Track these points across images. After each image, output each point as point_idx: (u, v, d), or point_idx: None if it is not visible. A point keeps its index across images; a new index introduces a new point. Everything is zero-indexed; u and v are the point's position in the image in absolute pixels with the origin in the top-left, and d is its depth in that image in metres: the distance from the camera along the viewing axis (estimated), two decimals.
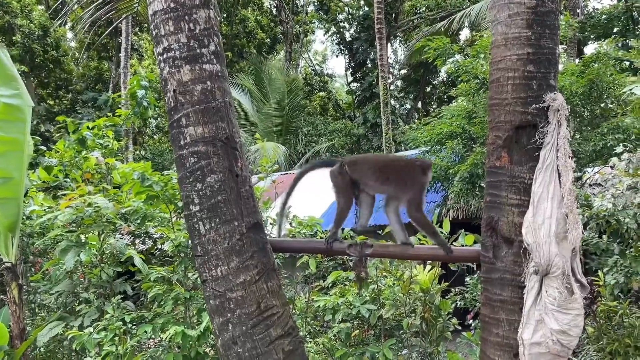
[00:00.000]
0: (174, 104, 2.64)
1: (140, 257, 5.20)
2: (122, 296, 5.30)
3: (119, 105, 6.42)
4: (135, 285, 5.80)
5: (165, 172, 5.09)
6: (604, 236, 6.86)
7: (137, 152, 26.79)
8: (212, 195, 2.55)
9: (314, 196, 14.29)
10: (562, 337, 2.30)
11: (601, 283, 6.60)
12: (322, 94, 31.28)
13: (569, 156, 2.43)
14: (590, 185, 9.24)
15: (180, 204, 5.31)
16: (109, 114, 6.17)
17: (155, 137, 29.94)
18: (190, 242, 4.93)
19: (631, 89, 8.59)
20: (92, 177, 5.58)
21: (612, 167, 6.88)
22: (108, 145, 5.67)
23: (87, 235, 4.89)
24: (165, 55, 2.65)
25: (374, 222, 11.30)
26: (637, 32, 21.26)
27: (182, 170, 2.63)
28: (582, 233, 2.47)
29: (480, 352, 2.59)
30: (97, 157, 5.48)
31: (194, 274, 5.17)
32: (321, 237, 5.71)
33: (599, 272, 6.83)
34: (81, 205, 4.61)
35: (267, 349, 2.48)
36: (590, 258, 8.03)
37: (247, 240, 2.57)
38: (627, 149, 6.59)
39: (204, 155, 2.57)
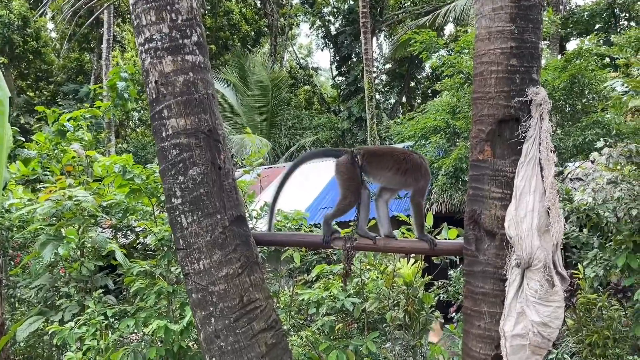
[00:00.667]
0: (155, 96, 2.60)
1: (122, 251, 5.14)
2: (104, 290, 5.24)
3: (101, 98, 6.31)
4: (117, 280, 5.74)
5: (148, 166, 5.04)
6: (584, 230, 6.96)
7: (120, 145, 26.49)
8: (194, 188, 2.52)
9: (300, 190, 14.29)
10: (543, 329, 2.32)
11: (581, 276, 6.70)
12: (307, 87, 31.19)
13: (551, 150, 2.45)
14: (571, 179, 9.36)
15: (162, 197, 5.26)
16: (87, 106, 6.07)
17: (138, 130, 29.61)
18: (172, 235, 4.92)
19: (612, 85, 8.70)
20: (72, 170, 5.50)
21: (592, 162, 6.96)
22: (86, 137, 5.59)
23: (66, 229, 4.82)
24: (146, 46, 2.61)
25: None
26: (619, 29, 21.53)
27: (164, 163, 2.59)
28: (564, 227, 2.49)
29: (463, 344, 2.61)
30: (76, 150, 5.40)
31: (177, 268, 5.13)
32: (306, 231, 5.71)
33: (579, 266, 6.93)
34: (61, 198, 4.54)
35: (250, 343, 2.47)
36: (571, 251, 8.16)
37: (229, 233, 2.55)
38: (608, 143, 6.67)
39: (186, 148, 2.53)
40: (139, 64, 2.82)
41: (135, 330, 4.85)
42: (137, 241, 6.32)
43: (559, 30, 17.90)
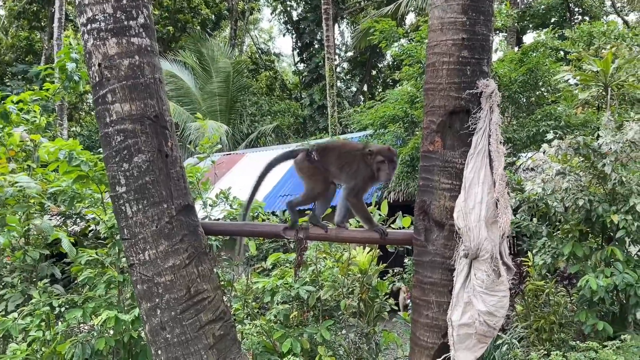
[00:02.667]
0: (99, 79, 2.49)
1: (71, 240, 4.97)
2: (51, 280, 5.06)
3: (52, 80, 6.04)
4: (65, 268, 5.56)
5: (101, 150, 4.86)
6: (534, 219, 7.18)
7: (73, 128, 25.60)
8: (139, 176, 2.43)
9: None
10: (489, 318, 2.36)
11: (530, 263, 6.92)
12: (268, 73, 30.86)
13: (501, 142, 2.48)
14: (523, 169, 9.62)
15: None
16: (36, 88, 5.80)
17: (92, 113, 28.65)
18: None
19: (563, 77, 8.96)
20: (16, 155, 5.25)
21: (543, 153, 7.16)
22: (35, 120, 5.34)
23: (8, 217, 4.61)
24: (89, 27, 2.48)
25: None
26: (573, 23, 22.17)
27: (108, 149, 2.49)
28: (513, 217, 2.53)
29: (411, 332, 2.64)
30: (21, 134, 5.15)
31: None
32: (263, 220, 5.66)
33: (529, 253, 7.15)
34: (2, 183, 4.33)
35: (197, 334, 2.42)
36: (522, 240, 8.41)
37: (176, 223, 2.48)
38: (557, 135, 6.88)
39: (131, 134, 2.44)
40: None
41: (84, 321, 4.71)
42: (89, 229, 6.12)
43: (515, 23, 18.29)
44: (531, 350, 5.34)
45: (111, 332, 4.69)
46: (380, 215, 4.86)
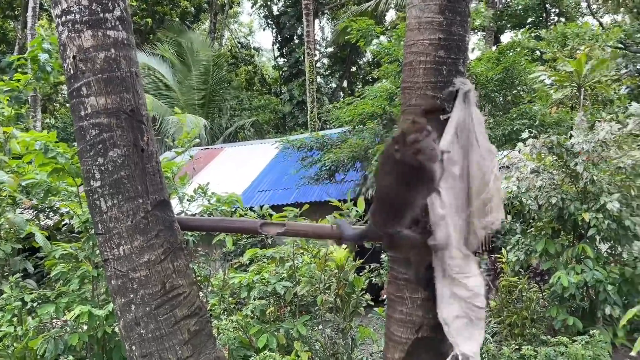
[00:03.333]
0: (73, 72, 2.45)
1: (44, 234, 4.89)
2: (23, 274, 4.98)
3: (25, 70, 5.90)
4: (38, 263, 5.46)
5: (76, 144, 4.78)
6: (509, 216, 7.31)
7: (47, 120, 25.10)
8: (114, 170, 2.40)
9: (237, 173, 14.11)
10: (475, 299, 2.38)
11: (504, 260, 7.04)
12: (248, 67, 30.67)
13: (479, 138, 2.51)
14: (500, 168, 9.77)
15: None
16: (6, 78, 5.67)
17: (67, 104, 28.11)
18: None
19: (538, 76, 9.12)
20: None
21: (518, 152, 7.30)
22: (4, 112, 5.23)
23: None
24: (64, 18, 2.44)
25: (296, 199, 11.34)
26: (550, 23, 22.52)
27: (83, 143, 2.45)
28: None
29: (385, 328, 2.66)
30: None
31: None
32: (241, 215, 5.65)
33: (503, 250, 7.28)
34: None
35: (172, 330, 2.41)
36: (496, 237, 8.55)
37: (152, 218, 2.46)
38: (532, 134, 7.01)
39: (107, 128, 2.41)
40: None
41: (57, 317, 4.65)
42: (62, 223, 6.03)
43: (492, 23, 18.51)
44: (503, 345, 5.44)
45: (84, 327, 4.64)
46: (357, 211, 4.89)
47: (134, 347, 2.41)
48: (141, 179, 2.44)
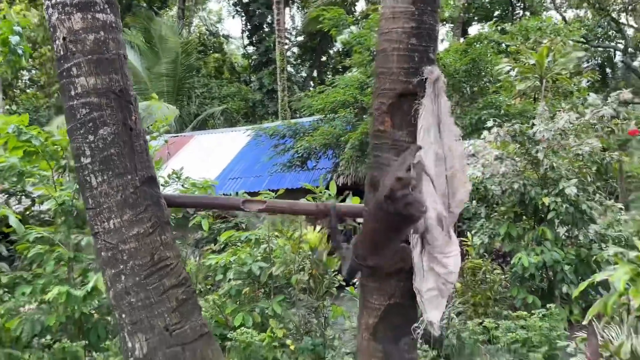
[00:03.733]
0: (64, 53, 2.54)
1: (18, 217, 4.90)
2: None
3: None
4: (10, 247, 5.46)
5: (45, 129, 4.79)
6: (474, 202, 7.62)
7: (8, 106, 24.37)
8: (104, 147, 2.52)
9: (208, 160, 14.10)
10: (448, 276, 2.63)
11: (469, 243, 7.36)
12: (216, 55, 30.37)
13: (455, 123, 2.73)
14: (466, 156, 10.08)
15: (62, 162, 5.05)
16: None
17: (28, 91, 27.32)
18: (73, 200, 4.76)
19: (503, 68, 9.47)
20: None
21: (484, 140, 7.59)
22: None
23: None
24: (54, 1, 2.53)
25: (268, 186, 11.46)
26: (515, 17, 23.07)
27: (73, 122, 2.55)
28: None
29: (360, 297, 2.86)
30: None
31: (77, 235, 4.99)
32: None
33: (468, 234, 7.60)
34: None
35: (161, 298, 2.55)
36: (462, 222, 8.88)
37: (140, 193, 2.58)
38: (497, 123, 7.32)
39: (97, 107, 2.51)
40: (29, 18, 2.69)
41: (36, 298, 4.69)
42: (32, 208, 6.01)
43: (461, 13, 18.90)
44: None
45: (60, 309, 4.68)
46: (330, 195, 5.08)
47: (124, 315, 2.54)
48: (130, 156, 2.56)
